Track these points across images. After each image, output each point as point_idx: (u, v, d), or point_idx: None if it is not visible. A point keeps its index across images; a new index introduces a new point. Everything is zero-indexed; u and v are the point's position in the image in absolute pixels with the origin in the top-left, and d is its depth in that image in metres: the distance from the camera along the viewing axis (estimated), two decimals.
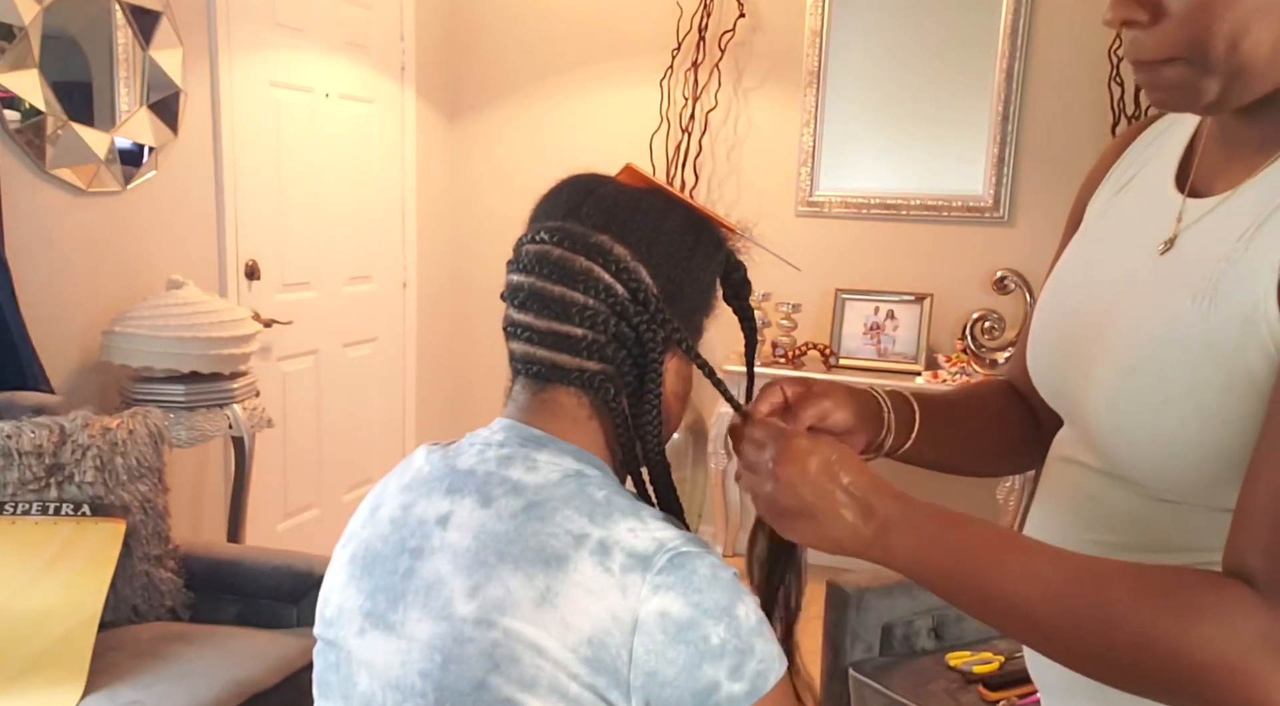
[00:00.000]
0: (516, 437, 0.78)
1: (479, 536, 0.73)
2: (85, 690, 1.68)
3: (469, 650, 0.70)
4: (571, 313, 0.75)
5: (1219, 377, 0.68)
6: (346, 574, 0.80)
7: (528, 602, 0.69)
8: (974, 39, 3.28)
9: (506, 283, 0.79)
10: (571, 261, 0.75)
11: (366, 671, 0.76)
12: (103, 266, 2.54)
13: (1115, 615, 0.64)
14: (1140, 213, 0.82)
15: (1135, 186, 0.85)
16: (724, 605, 0.69)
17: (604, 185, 0.80)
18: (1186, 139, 0.82)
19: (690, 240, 0.79)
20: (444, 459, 0.80)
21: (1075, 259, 0.88)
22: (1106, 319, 0.78)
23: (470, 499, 0.75)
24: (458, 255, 4.02)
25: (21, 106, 2.28)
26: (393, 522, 0.79)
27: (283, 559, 2.13)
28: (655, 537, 0.71)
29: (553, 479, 0.74)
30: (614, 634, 0.67)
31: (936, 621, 2.12)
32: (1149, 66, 0.70)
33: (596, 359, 0.76)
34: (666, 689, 0.67)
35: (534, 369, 0.78)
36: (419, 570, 0.75)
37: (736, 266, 0.85)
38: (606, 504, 0.73)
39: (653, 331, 0.76)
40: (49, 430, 1.93)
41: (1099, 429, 0.78)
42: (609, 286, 0.75)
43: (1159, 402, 0.71)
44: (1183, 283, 0.72)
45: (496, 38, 3.87)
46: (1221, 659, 0.61)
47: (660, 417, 0.78)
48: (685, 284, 0.79)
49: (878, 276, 3.46)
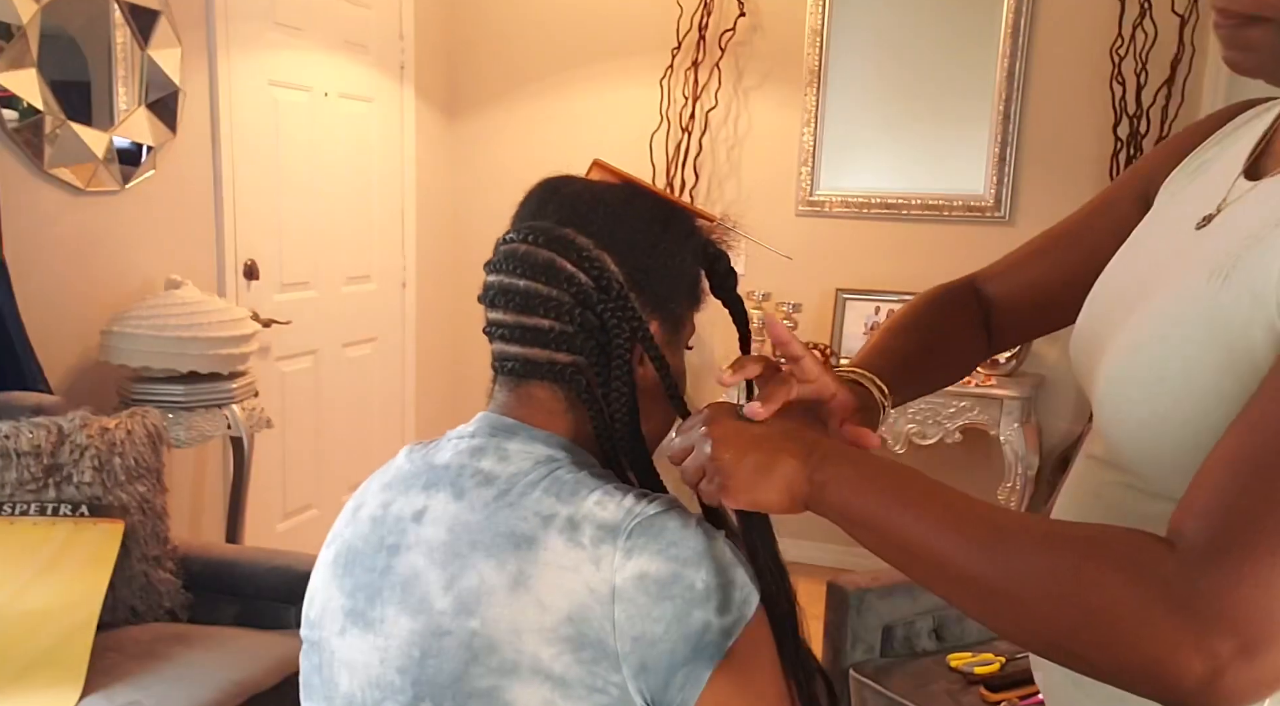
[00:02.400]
0: (488, 428, 0.78)
1: (452, 529, 0.73)
2: (83, 691, 1.67)
3: (447, 643, 0.70)
4: (536, 304, 0.76)
5: (1219, 356, 0.65)
6: (329, 574, 0.81)
7: (501, 588, 0.69)
8: (975, 38, 3.28)
9: (483, 285, 0.80)
10: (535, 254, 0.76)
11: (347, 671, 0.77)
12: (101, 266, 2.53)
13: (1018, 557, 0.61)
14: (1200, 195, 0.79)
15: (1207, 171, 0.82)
16: (700, 549, 0.70)
17: (571, 183, 0.81)
18: (1267, 125, 0.79)
19: (657, 228, 0.80)
20: (424, 456, 0.81)
21: (1128, 243, 0.86)
22: (1136, 298, 0.76)
23: (444, 493, 0.76)
24: (457, 255, 4.01)
25: (19, 106, 2.27)
26: (373, 521, 0.79)
27: (282, 559, 2.13)
28: (622, 505, 0.71)
29: (524, 467, 0.75)
30: (593, 607, 0.68)
31: (937, 622, 2.12)
32: (1234, 21, 0.68)
33: (565, 350, 0.76)
34: (657, 646, 0.68)
35: (509, 365, 0.79)
36: (395, 567, 0.75)
37: (719, 257, 0.85)
38: (575, 483, 0.73)
39: (617, 318, 0.76)
40: (47, 430, 1.92)
41: (1099, 410, 0.76)
42: (571, 275, 0.76)
43: (1155, 381, 0.69)
44: (1205, 259, 0.69)
45: (496, 37, 3.86)
46: (1114, 603, 0.57)
47: (632, 405, 0.77)
48: (653, 270, 0.79)
49: (878, 276, 3.46)
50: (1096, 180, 3.20)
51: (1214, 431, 0.64)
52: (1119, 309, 0.78)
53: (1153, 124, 3.08)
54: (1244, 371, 0.64)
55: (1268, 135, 0.78)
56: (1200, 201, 0.78)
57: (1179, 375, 0.67)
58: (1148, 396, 0.70)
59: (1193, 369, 0.66)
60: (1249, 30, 0.67)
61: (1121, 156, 3.11)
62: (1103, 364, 0.76)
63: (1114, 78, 3.09)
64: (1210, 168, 0.82)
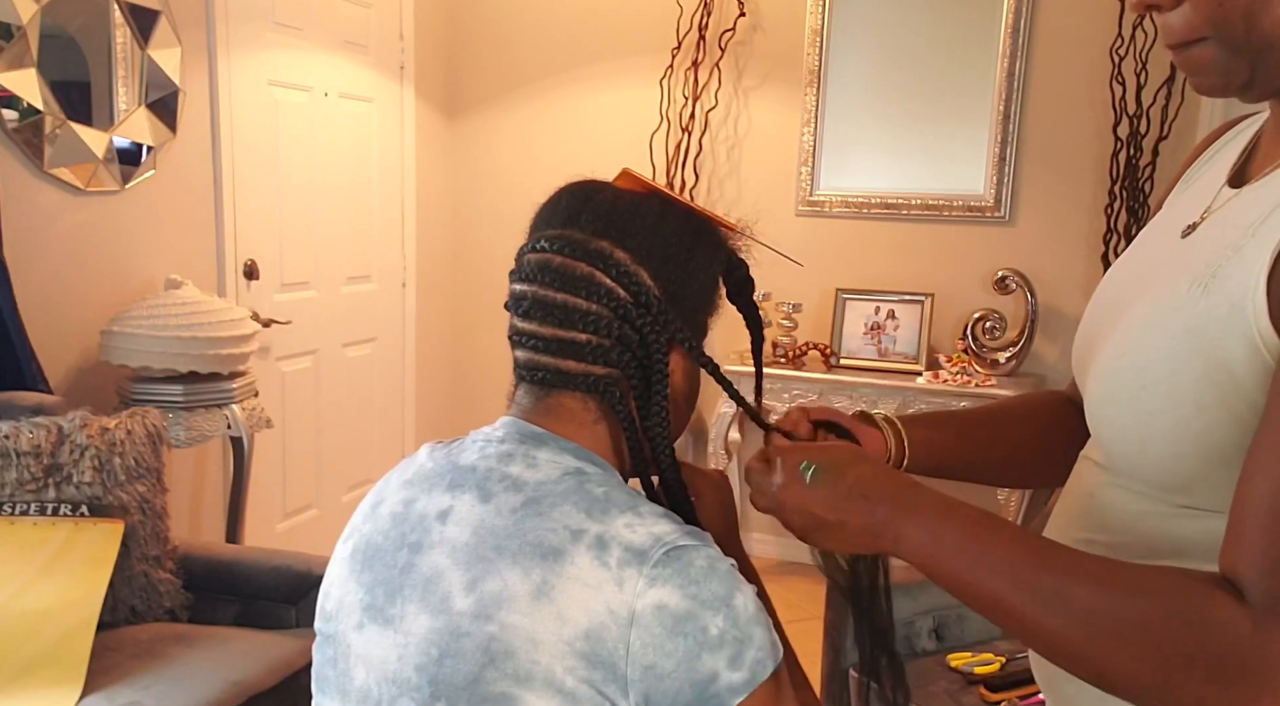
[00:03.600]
0: (517, 434, 0.78)
1: (478, 531, 0.73)
2: (83, 691, 1.67)
3: (465, 644, 0.70)
4: (575, 319, 0.76)
5: (1197, 364, 0.66)
6: (347, 568, 0.81)
7: (524, 596, 0.69)
8: (975, 38, 3.28)
9: (510, 292, 0.80)
10: (573, 268, 0.76)
11: (364, 665, 0.76)
12: (101, 266, 2.53)
13: (1097, 609, 0.63)
14: (1188, 204, 0.81)
15: (1199, 182, 0.84)
16: (721, 595, 0.69)
17: (602, 191, 0.80)
18: (1250, 137, 0.81)
19: (689, 241, 0.80)
20: (447, 455, 0.81)
21: (1125, 252, 0.88)
22: (1124, 304, 0.78)
23: (470, 494, 0.76)
24: (457, 254, 4.01)
25: (20, 106, 2.27)
26: (394, 518, 0.79)
27: (281, 559, 2.13)
28: (652, 532, 0.71)
29: (552, 476, 0.75)
30: (610, 628, 0.67)
31: (937, 622, 2.12)
32: (1180, 48, 0.70)
33: (602, 363, 0.77)
34: (665, 681, 0.67)
35: (539, 375, 0.78)
36: (418, 564, 0.75)
37: (739, 265, 0.86)
38: (605, 500, 0.73)
39: (655, 333, 0.77)
40: (47, 430, 1.92)
41: (1092, 414, 0.77)
42: (610, 290, 0.76)
43: (1137, 388, 0.71)
44: (1188, 267, 0.71)
45: (496, 37, 3.87)
46: (1199, 669, 0.59)
47: (667, 417, 0.78)
48: (686, 284, 0.80)
49: (878, 276, 3.46)
50: (1096, 180, 3.20)
51: (1195, 440, 0.66)
52: (1108, 315, 0.80)
53: (1153, 124, 3.08)
54: (1223, 381, 0.65)
55: (1251, 145, 0.80)
56: (1187, 210, 0.80)
57: (1159, 381, 0.69)
58: (1133, 402, 0.71)
59: (1174, 378, 0.68)
60: (1195, 52, 0.69)
61: (1121, 156, 3.11)
62: (1092, 369, 0.78)
63: (1114, 78, 3.09)
64: (1200, 179, 0.84)
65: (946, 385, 3.14)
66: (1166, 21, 0.70)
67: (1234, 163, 0.80)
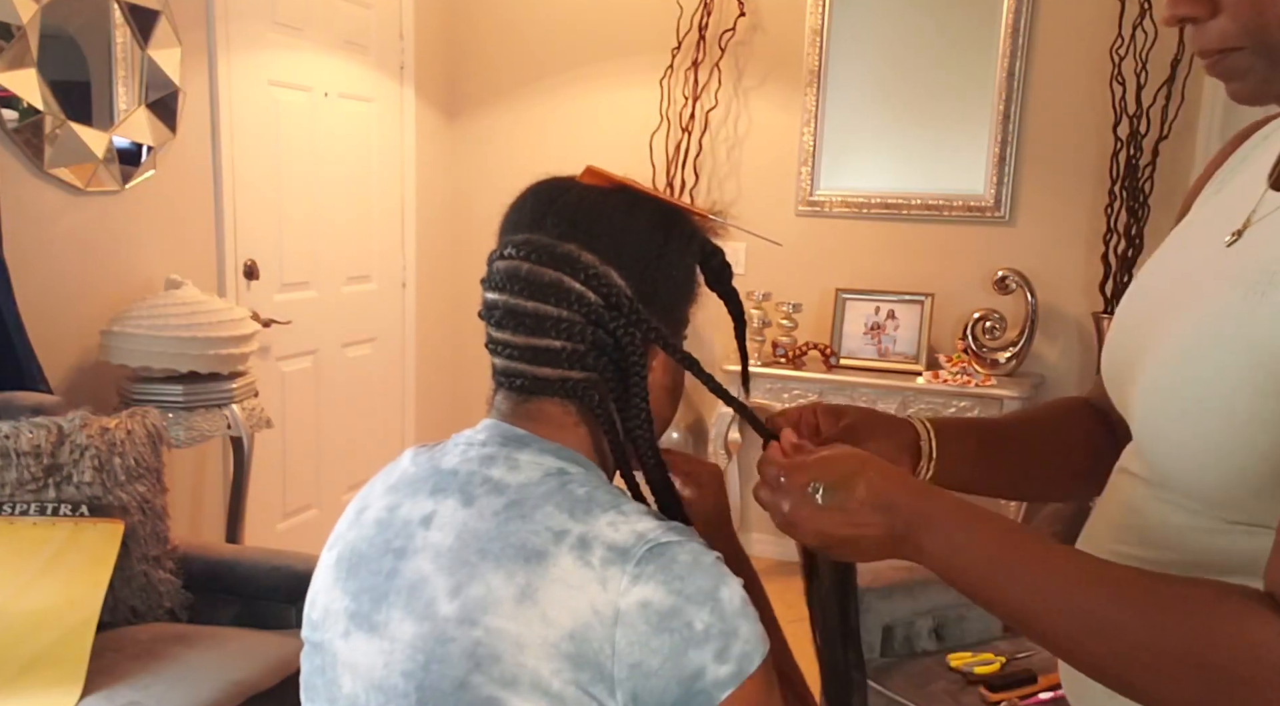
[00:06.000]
0: (499, 437, 0.78)
1: (461, 535, 0.73)
2: (83, 691, 1.67)
3: (451, 649, 0.70)
4: (547, 326, 0.75)
5: (1257, 378, 0.63)
6: (332, 576, 0.80)
7: (508, 599, 0.69)
8: (975, 38, 3.28)
9: (483, 300, 0.79)
10: (541, 274, 0.75)
11: (350, 673, 0.76)
12: (101, 266, 2.53)
13: (1130, 626, 0.62)
14: (1226, 208, 0.79)
15: (1234, 183, 0.82)
16: (706, 589, 0.69)
17: (567, 192, 0.79)
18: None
19: (660, 235, 0.78)
20: (429, 459, 0.80)
21: (1156, 255, 0.85)
22: (1167, 312, 0.75)
23: (453, 498, 0.75)
24: (457, 255, 4.01)
25: (19, 106, 2.27)
26: (378, 524, 0.79)
27: (281, 559, 2.13)
28: (635, 529, 0.70)
29: (534, 477, 0.74)
30: (595, 627, 0.67)
31: (937, 622, 2.12)
32: (1213, 57, 0.69)
33: (578, 368, 0.76)
34: (652, 678, 0.67)
35: (517, 382, 0.78)
36: (402, 570, 0.75)
37: (714, 252, 0.84)
38: (587, 500, 0.72)
39: (630, 334, 0.75)
40: (47, 430, 1.92)
41: (1139, 430, 0.74)
42: (580, 295, 0.74)
43: (1193, 401, 0.67)
44: (1238, 275, 0.68)
45: (496, 37, 3.86)
46: (1240, 691, 0.58)
47: (649, 417, 0.77)
48: (660, 279, 0.78)
49: (878, 276, 3.46)
50: (1096, 180, 3.20)
51: (1264, 456, 0.64)
52: (1150, 323, 0.77)
53: (1153, 124, 3.07)
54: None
55: None
56: (1227, 214, 0.77)
57: (1218, 396, 0.66)
58: (1186, 417, 0.68)
59: (1232, 390, 0.65)
60: (1230, 60, 0.68)
61: (1121, 156, 3.11)
62: (1138, 380, 0.74)
63: (1114, 78, 3.09)
64: (1234, 181, 0.82)
65: (946, 385, 3.14)
66: (1198, 32, 0.69)
67: (1272, 165, 0.76)
